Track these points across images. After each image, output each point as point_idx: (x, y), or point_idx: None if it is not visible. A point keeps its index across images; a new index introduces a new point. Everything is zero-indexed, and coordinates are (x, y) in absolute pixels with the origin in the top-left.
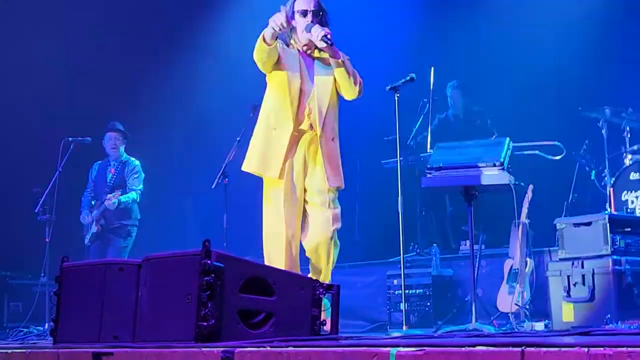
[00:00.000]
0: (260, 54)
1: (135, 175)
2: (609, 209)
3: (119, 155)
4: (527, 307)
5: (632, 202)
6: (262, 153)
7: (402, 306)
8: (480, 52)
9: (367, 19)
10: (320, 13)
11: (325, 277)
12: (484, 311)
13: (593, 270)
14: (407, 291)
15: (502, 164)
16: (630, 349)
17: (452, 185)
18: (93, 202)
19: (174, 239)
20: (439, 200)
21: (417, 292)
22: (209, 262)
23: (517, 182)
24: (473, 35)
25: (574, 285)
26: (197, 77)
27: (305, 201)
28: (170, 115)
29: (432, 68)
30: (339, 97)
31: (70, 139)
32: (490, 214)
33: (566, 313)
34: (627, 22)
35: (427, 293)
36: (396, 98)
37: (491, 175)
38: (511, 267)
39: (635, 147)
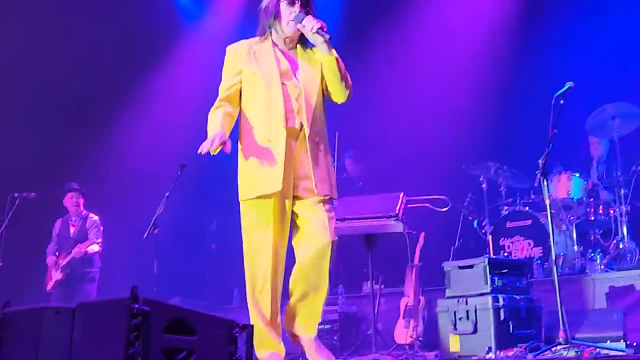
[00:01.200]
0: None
1: (96, 229)
2: (488, 253)
3: (80, 212)
4: (420, 339)
5: (508, 247)
6: (260, 172)
7: None
8: (378, 118)
9: None
10: (309, 2)
11: (321, 298)
12: (384, 343)
13: (475, 306)
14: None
15: (397, 215)
16: None
17: (355, 234)
18: (57, 254)
19: (110, 284)
20: (345, 246)
21: (325, 327)
22: (136, 306)
23: (410, 231)
24: (368, 101)
25: (460, 319)
26: (132, 133)
27: (294, 214)
28: (109, 171)
29: (337, 133)
30: (325, 101)
31: (16, 194)
32: (387, 258)
33: (453, 344)
34: (506, 82)
35: (335, 328)
36: None
37: (388, 225)
38: (406, 304)
39: (509, 200)
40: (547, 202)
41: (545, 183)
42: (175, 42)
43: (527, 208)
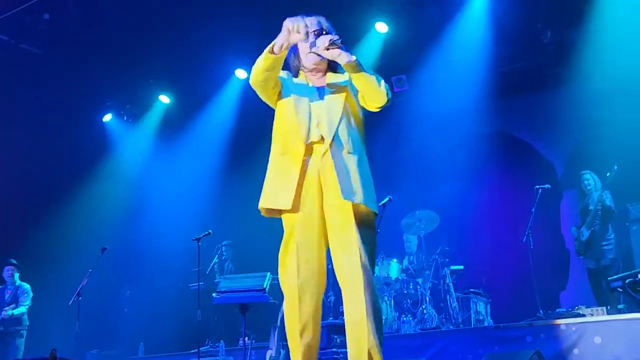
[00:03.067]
0: (260, 71)
1: (25, 295)
2: (331, 317)
3: (14, 282)
4: None
5: None
6: (273, 184)
7: None
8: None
9: None
10: (324, 32)
11: (366, 314)
12: None
13: (320, 358)
14: None
15: (264, 289)
16: None
17: (233, 303)
18: None
19: (42, 339)
20: (226, 311)
21: None
22: None
23: (273, 301)
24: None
25: None
26: (65, 224)
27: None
28: (46, 251)
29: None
30: (361, 113)
31: None
32: (258, 320)
33: None
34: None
35: None
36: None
37: (257, 296)
38: (270, 355)
39: None
40: None
41: None
42: (105, 154)
43: None
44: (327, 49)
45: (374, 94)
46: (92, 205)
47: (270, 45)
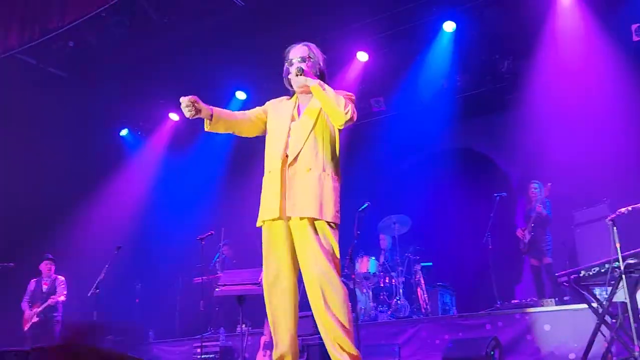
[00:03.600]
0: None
1: (63, 286)
2: None
3: (50, 274)
4: None
5: None
6: (263, 199)
7: None
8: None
9: None
10: (311, 59)
11: (333, 322)
12: None
13: (308, 343)
14: (204, 355)
15: (259, 283)
16: None
17: (231, 295)
18: (31, 305)
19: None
20: (226, 302)
21: (211, 356)
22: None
23: None
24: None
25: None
26: (88, 224)
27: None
28: (66, 246)
29: (222, 229)
30: (335, 133)
31: None
32: (252, 311)
33: None
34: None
35: (217, 356)
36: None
37: (253, 289)
38: (264, 340)
39: None
40: (353, 275)
41: (353, 263)
42: (122, 164)
43: (342, 278)
44: (296, 75)
45: (333, 114)
46: (109, 208)
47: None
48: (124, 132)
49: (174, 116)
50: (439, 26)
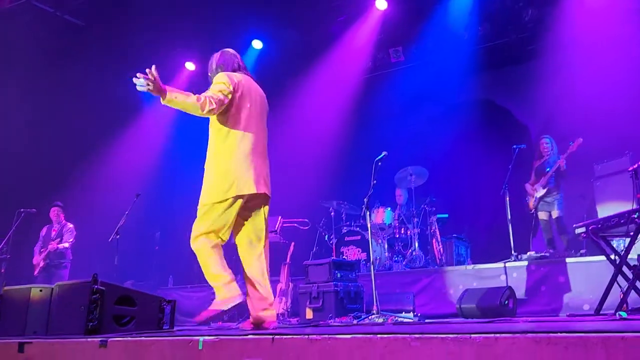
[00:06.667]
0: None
1: (69, 233)
2: (332, 256)
3: (59, 221)
4: (289, 310)
5: (345, 252)
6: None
7: None
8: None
9: None
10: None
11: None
12: None
13: (323, 290)
14: None
15: (276, 230)
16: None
17: None
18: (41, 250)
19: (83, 272)
20: None
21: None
22: (95, 286)
23: (284, 241)
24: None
25: (313, 298)
26: (105, 169)
27: None
28: (89, 195)
29: None
30: (219, 121)
31: (22, 210)
32: (270, 258)
33: (308, 314)
34: (346, 150)
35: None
36: None
37: (269, 236)
38: (281, 288)
39: (348, 223)
40: (369, 225)
41: (368, 213)
42: (140, 112)
43: (358, 228)
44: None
45: (191, 113)
46: (128, 156)
47: None
48: None
49: (190, 65)
50: None
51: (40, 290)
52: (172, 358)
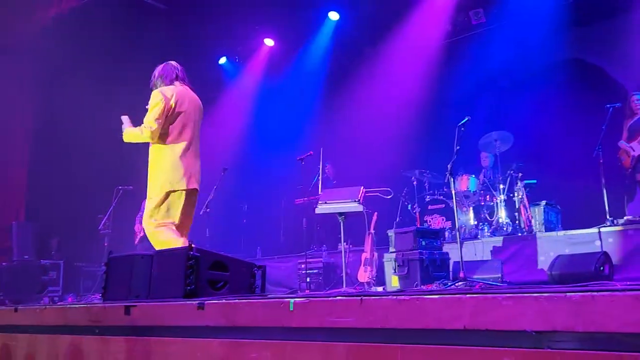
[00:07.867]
0: None
1: None
2: (416, 225)
3: None
4: (374, 279)
5: (429, 221)
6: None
7: (307, 279)
8: (348, 139)
9: None
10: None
11: None
12: (350, 282)
13: (408, 258)
14: (308, 271)
15: (358, 200)
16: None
17: (333, 212)
18: (140, 221)
19: None
20: (327, 219)
21: (314, 271)
22: (191, 253)
23: (367, 210)
24: (343, 129)
25: (398, 266)
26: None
27: None
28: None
29: (321, 149)
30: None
31: (120, 187)
32: (353, 227)
33: (394, 282)
34: (429, 117)
35: (320, 272)
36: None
37: (352, 206)
38: (365, 257)
39: (431, 192)
40: (453, 193)
41: (452, 181)
42: (222, 90)
43: (441, 197)
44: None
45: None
46: (214, 132)
47: None
48: (222, 61)
49: (269, 41)
50: None
51: (142, 258)
52: (265, 318)
